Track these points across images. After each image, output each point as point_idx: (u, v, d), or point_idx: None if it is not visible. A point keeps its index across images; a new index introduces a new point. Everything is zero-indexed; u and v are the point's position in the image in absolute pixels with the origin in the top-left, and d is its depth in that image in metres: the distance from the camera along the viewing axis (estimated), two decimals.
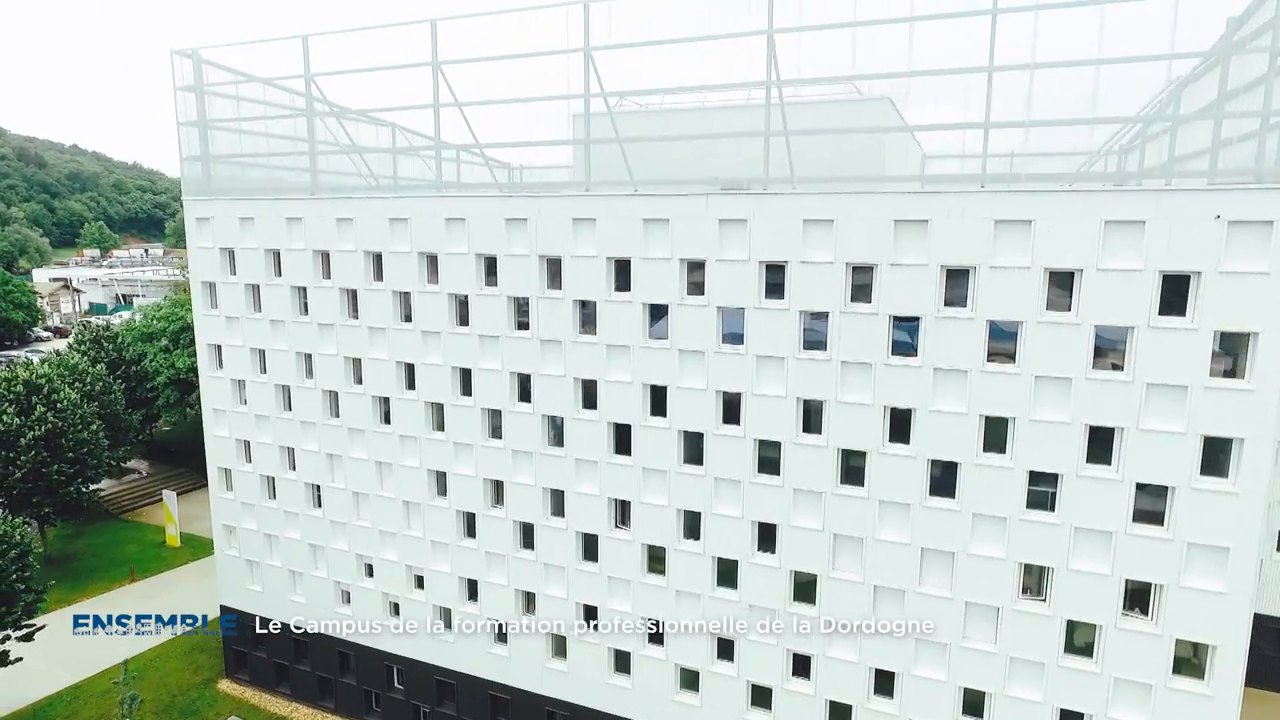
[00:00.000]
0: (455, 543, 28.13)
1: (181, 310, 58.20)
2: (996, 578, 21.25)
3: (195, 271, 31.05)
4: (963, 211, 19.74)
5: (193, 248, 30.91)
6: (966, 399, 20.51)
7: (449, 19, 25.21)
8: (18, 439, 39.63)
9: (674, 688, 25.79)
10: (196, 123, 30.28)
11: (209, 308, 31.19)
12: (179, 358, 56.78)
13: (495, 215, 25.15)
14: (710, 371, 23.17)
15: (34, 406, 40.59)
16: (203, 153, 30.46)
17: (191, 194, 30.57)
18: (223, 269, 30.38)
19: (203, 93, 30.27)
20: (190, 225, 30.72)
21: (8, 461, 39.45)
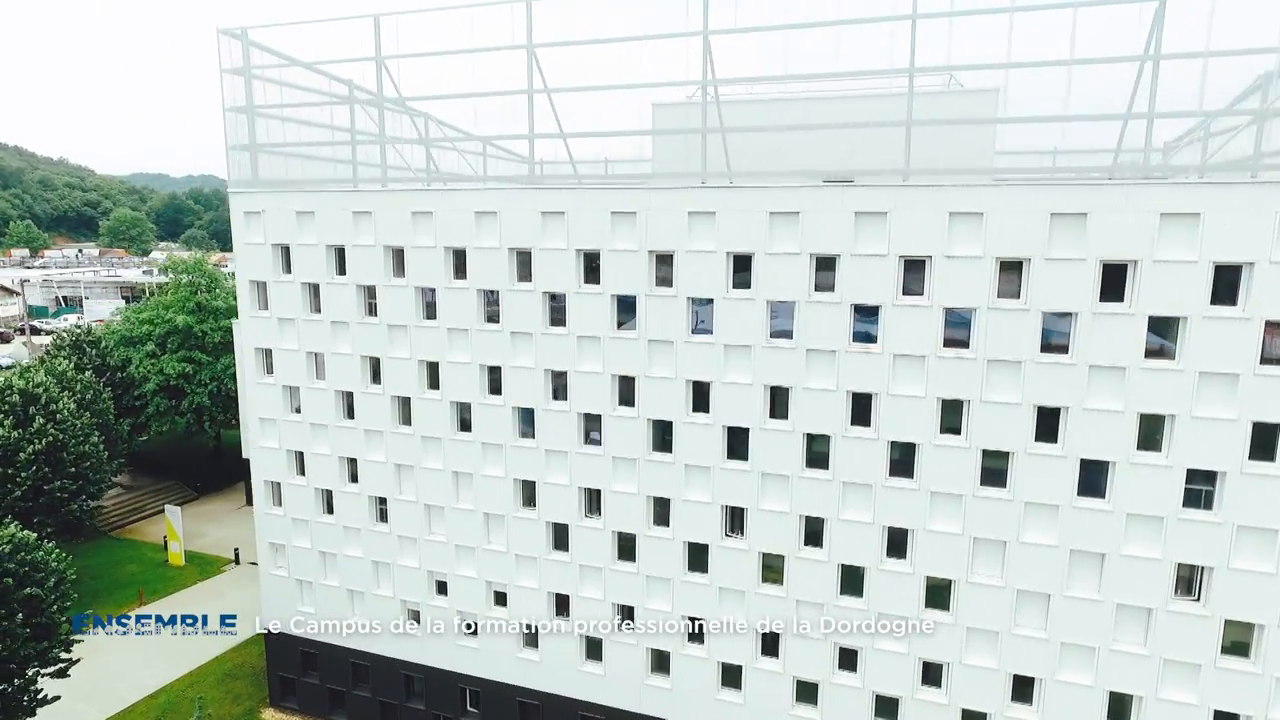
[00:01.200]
0: (544, 556, 26.57)
1: (169, 312, 54.61)
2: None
3: (242, 270, 28.66)
4: (1126, 203, 19.20)
5: (239, 244, 28.52)
6: (1123, 397, 20.01)
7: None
8: (16, 453, 36.28)
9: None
10: (244, 109, 27.97)
11: (257, 309, 28.86)
12: (168, 363, 53.23)
13: (598, 209, 23.71)
14: (841, 372, 22.22)
15: (32, 418, 37.24)
16: (250, 141, 28.15)
17: (239, 186, 28.21)
18: (275, 267, 28.11)
19: (250, 77, 27.97)
20: (237, 220, 28.33)
21: (6, 478, 36.07)
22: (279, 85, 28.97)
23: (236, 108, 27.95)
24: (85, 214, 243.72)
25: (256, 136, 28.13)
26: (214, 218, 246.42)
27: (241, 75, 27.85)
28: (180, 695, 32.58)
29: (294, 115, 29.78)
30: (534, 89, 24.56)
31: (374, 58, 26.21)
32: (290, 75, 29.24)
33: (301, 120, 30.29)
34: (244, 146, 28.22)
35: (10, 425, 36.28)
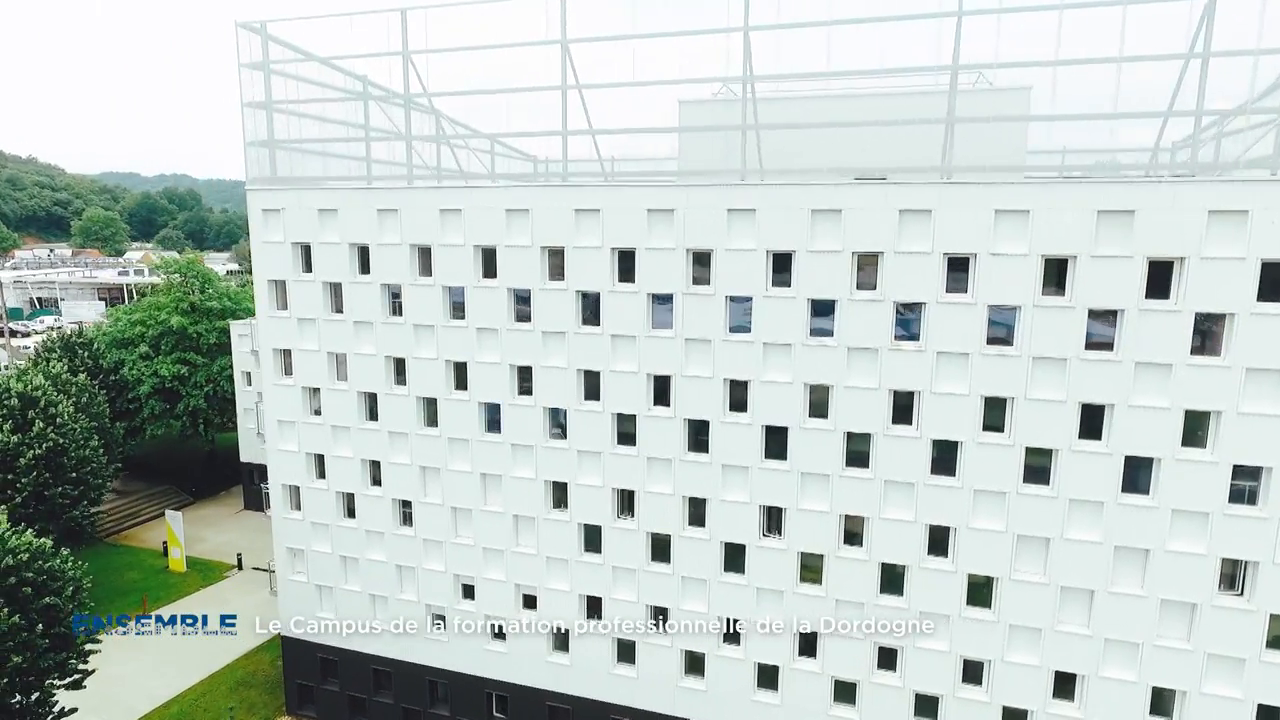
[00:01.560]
0: (575, 558, 26.22)
1: (163, 313, 53.43)
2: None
3: (260, 269, 28.01)
4: (1173, 201, 19.27)
5: (257, 242, 27.88)
6: (1169, 393, 20.09)
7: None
8: (16, 459, 35.26)
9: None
10: (263, 104, 27.34)
11: (275, 308, 28.22)
12: (162, 364, 52.09)
13: (634, 207, 23.43)
14: (882, 373, 22.12)
15: (31, 422, 36.22)
16: (269, 138, 27.53)
17: (258, 183, 27.57)
18: (295, 266, 27.51)
19: (269, 72, 27.36)
20: (255, 217, 27.69)
21: (6, 484, 35.04)
22: (295, 80, 28.41)
23: (255, 103, 27.31)
24: (55, 214, 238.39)
25: (274, 133, 27.53)
26: (189, 218, 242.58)
27: (260, 70, 27.24)
28: (193, 705, 31.85)
29: (310, 112, 29.13)
30: (568, 85, 24.23)
31: (400, 52, 25.72)
32: (305, 71, 28.68)
33: (315, 116, 29.64)
34: (262, 143, 27.60)
35: (9, 429, 35.24)
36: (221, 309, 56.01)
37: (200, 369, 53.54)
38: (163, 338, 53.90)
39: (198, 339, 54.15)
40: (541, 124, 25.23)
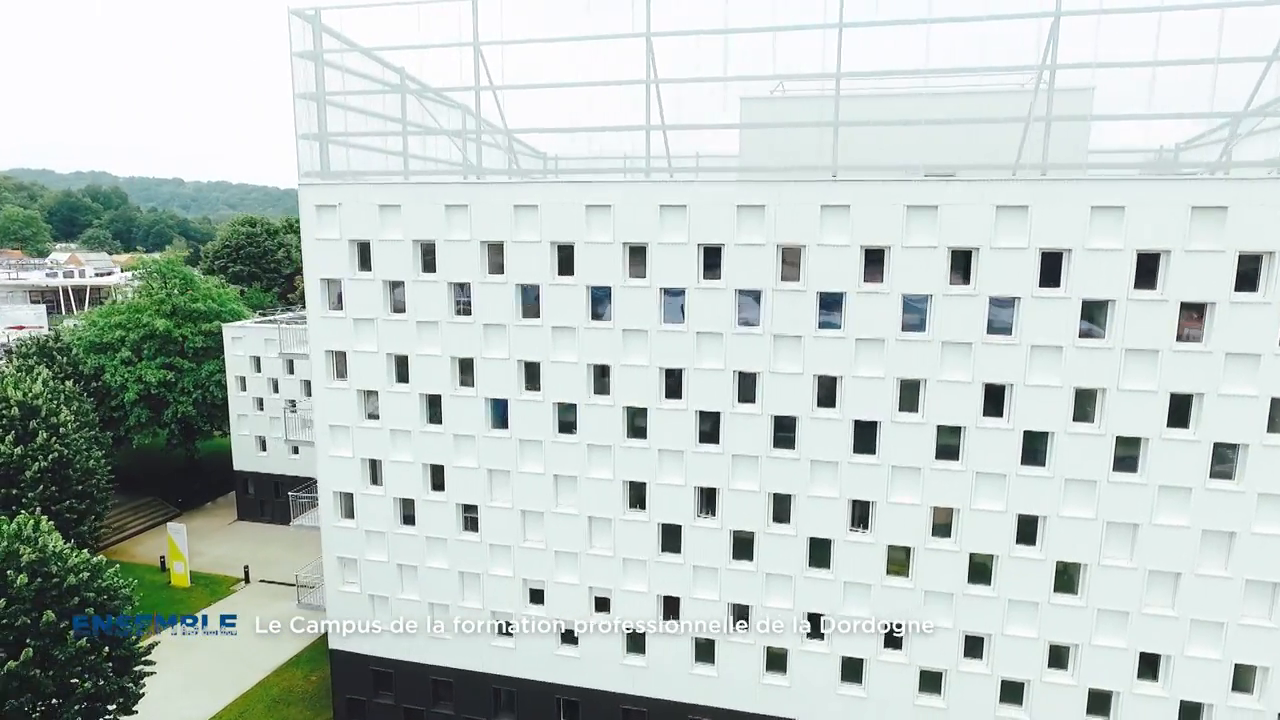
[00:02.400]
0: (654, 559, 25.92)
1: (144, 316, 50.82)
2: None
3: (312, 267, 26.84)
4: (1267, 197, 20.12)
5: (309, 239, 26.71)
6: (1257, 383, 20.98)
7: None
8: (21, 472, 33.02)
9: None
10: (314, 95, 26.23)
11: (328, 308, 27.10)
12: (146, 370, 49.57)
13: (723, 202, 23.29)
14: (976, 366, 22.51)
15: (34, 432, 33.97)
16: (321, 131, 26.43)
17: (310, 177, 26.44)
18: (351, 264, 26.46)
19: (322, 62, 26.26)
20: (307, 214, 26.52)
21: (10, 500, 32.77)
22: (342, 72, 27.38)
23: (306, 94, 26.17)
24: None
25: (326, 125, 26.44)
26: (115, 217, 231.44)
27: (311, 60, 26.12)
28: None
29: (362, 105, 28.09)
30: (653, 80, 23.92)
31: (470, 43, 24.97)
32: (354, 62, 27.68)
33: (359, 109, 28.54)
34: (313, 136, 26.48)
35: (11, 441, 32.97)
36: (207, 311, 53.65)
37: (187, 374, 51.16)
38: (145, 342, 51.34)
39: (182, 343, 51.74)
40: (589, 120, 24.77)
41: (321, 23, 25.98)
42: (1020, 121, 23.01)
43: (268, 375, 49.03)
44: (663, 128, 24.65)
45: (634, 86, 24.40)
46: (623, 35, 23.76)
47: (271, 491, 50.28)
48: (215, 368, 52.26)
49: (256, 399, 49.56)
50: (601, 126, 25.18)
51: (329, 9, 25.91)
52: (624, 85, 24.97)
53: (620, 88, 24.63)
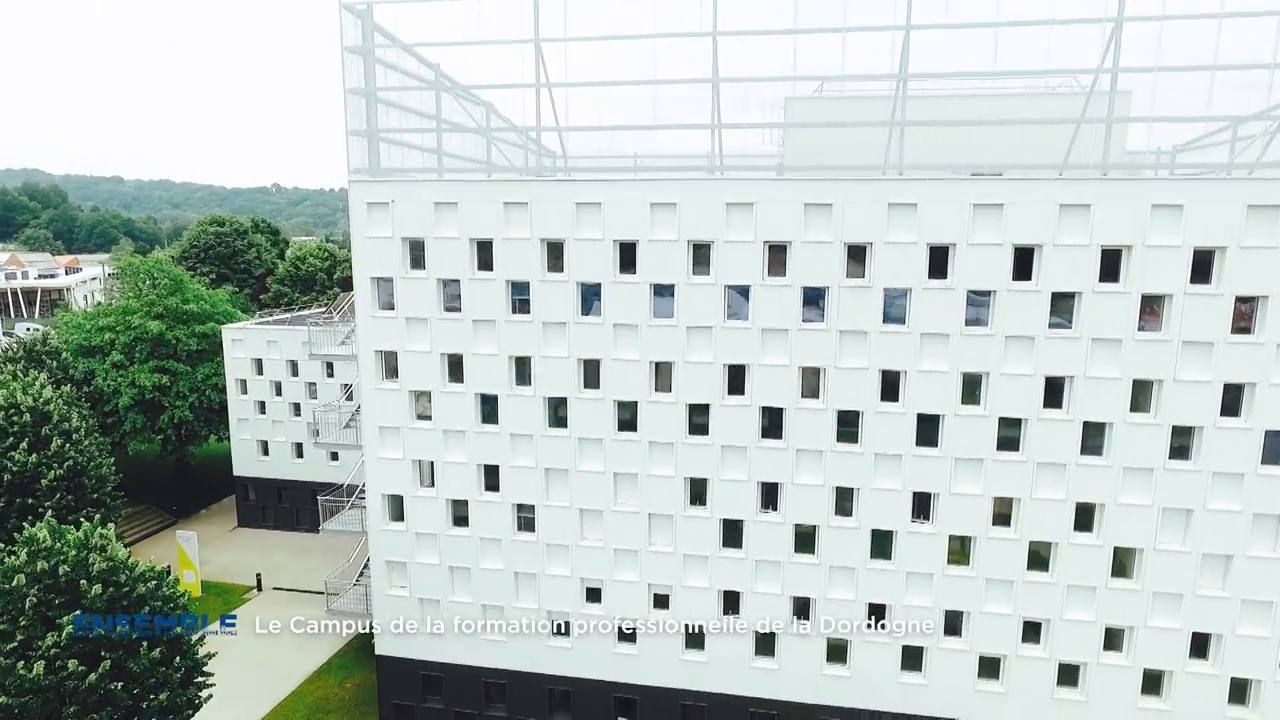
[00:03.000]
0: (715, 554, 26.10)
1: (137, 318, 49.09)
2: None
3: (362, 266, 26.35)
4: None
5: (360, 238, 26.21)
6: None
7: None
8: (36, 480, 31.70)
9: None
10: (364, 91, 25.80)
11: (378, 308, 26.65)
12: (140, 374, 47.91)
13: (787, 199, 23.59)
14: (1038, 359, 23.20)
15: (48, 438, 32.64)
16: (371, 127, 26.00)
17: (361, 174, 25.97)
18: (403, 262, 26.06)
19: (372, 56, 25.85)
20: (358, 211, 26.03)
21: (27, 510, 31.42)
22: (385, 68, 26.96)
23: (356, 90, 25.70)
24: None
25: (376, 122, 26.02)
26: (54, 216, 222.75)
27: (360, 55, 25.68)
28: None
29: (400, 101, 27.69)
30: (719, 79, 24.09)
31: (532, 39, 24.81)
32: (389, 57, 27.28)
33: (400, 106, 28.12)
34: (361, 132, 26.03)
35: (26, 449, 31.62)
36: (200, 313, 52.07)
37: (182, 378, 49.61)
38: (136, 345, 49.63)
39: (175, 345, 50.15)
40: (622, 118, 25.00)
41: (373, 19, 25.55)
42: (1078, 123, 23.69)
43: (270, 378, 47.79)
44: (732, 126, 24.84)
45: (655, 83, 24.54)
46: (690, 34, 23.88)
47: (274, 497, 49.06)
48: (210, 370, 50.78)
49: (258, 402, 48.25)
50: (669, 124, 25.28)
51: (381, 3, 25.49)
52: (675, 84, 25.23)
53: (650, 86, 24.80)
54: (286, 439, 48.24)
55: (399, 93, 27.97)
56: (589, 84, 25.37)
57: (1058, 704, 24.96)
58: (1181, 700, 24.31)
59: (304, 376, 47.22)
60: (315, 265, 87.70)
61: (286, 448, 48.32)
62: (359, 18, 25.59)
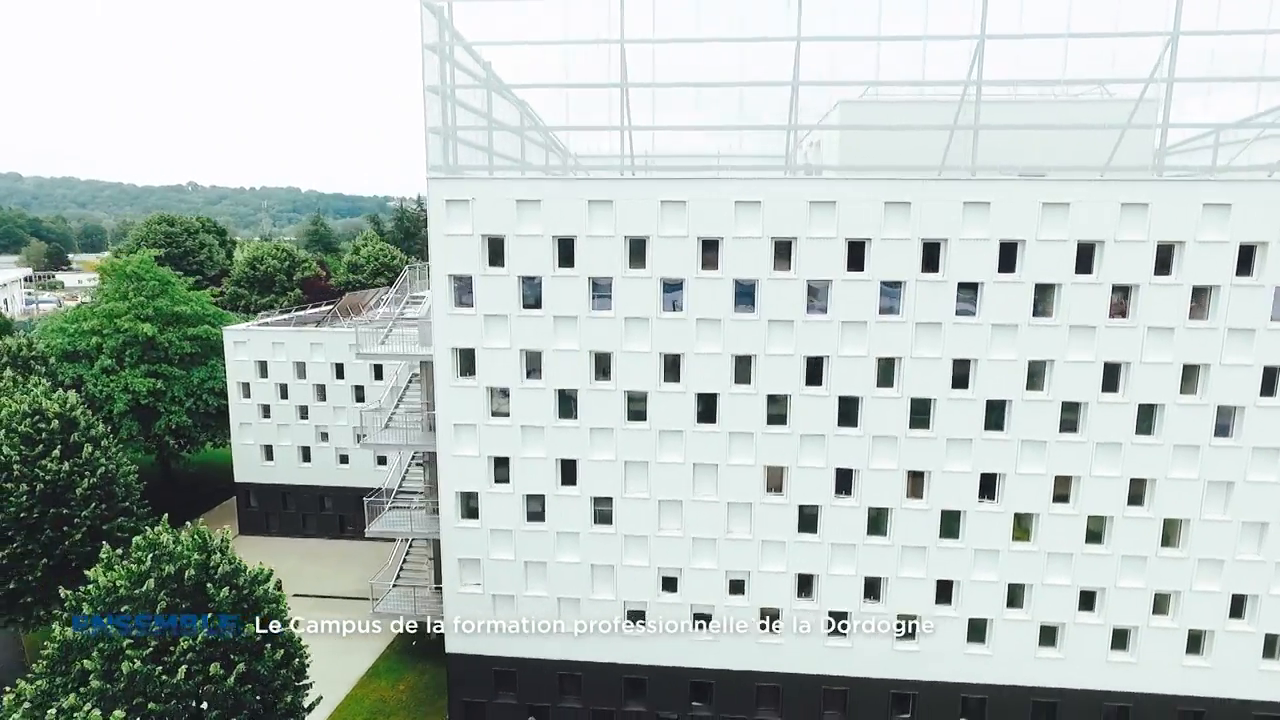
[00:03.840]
0: (792, 539, 27.11)
1: (124, 320, 47.07)
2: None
3: (440, 263, 26.33)
4: None
5: (438, 234, 26.19)
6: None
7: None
8: (69, 489, 30.36)
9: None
10: (437, 88, 25.81)
11: (455, 305, 26.68)
12: (133, 379, 46.02)
13: (868, 198, 24.79)
14: (1098, 347, 25.02)
15: (80, 446, 31.28)
16: (449, 124, 26.04)
17: (440, 171, 25.98)
18: (482, 259, 26.19)
19: (450, 55, 25.90)
20: (436, 208, 26.04)
21: (61, 520, 30.08)
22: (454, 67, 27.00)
23: (434, 88, 25.69)
24: None
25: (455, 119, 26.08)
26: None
27: (438, 53, 25.69)
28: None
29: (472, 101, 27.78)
30: (799, 82, 25.09)
31: (617, 40, 25.29)
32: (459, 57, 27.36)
33: (467, 106, 28.20)
34: (439, 130, 26.03)
35: (58, 457, 30.24)
36: (192, 315, 50.27)
37: (176, 382, 47.84)
38: (126, 349, 47.64)
39: (168, 349, 48.31)
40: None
41: (452, 17, 25.61)
42: (1123, 128, 25.56)
43: (275, 380, 46.49)
44: (806, 127, 25.87)
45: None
46: (774, 39, 24.79)
47: (279, 503, 47.79)
48: (205, 374, 49.10)
49: (262, 406, 46.87)
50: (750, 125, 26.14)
51: (460, 1, 25.58)
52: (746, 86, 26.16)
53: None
54: (293, 443, 47.04)
55: (471, 93, 28.04)
56: (675, 84, 26.04)
57: (1111, 666, 26.91)
58: (1220, 657, 26.57)
59: (311, 379, 46.15)
60: (274, 266, 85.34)
61: (292, 452, 47.13)
62: (435, 15, 25.58)
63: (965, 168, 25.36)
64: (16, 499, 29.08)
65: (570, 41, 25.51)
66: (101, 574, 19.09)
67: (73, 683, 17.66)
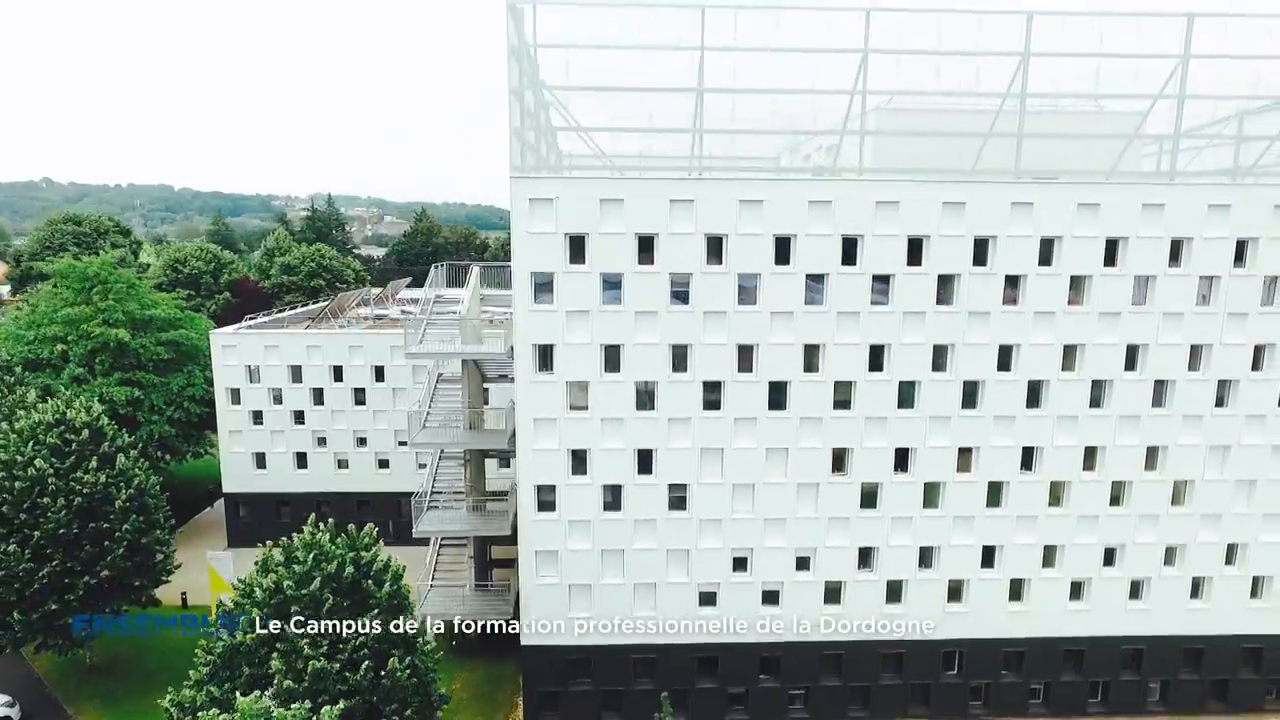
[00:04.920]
0: (855, 515, 29.16)
1: (92, 326, 44.31)
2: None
3: (523, 261, 26.81)
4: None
5: (520, 232, 26.67)
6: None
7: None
8: (108, 502, 28.85)
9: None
10: (517, 89, 26.35)
11: (534, 302, 27.23)
12: (107, 387, 43.45)
13: (929, 199, 27.09)
14: (1123, 330, 28.27)
15: (111, 456, 29.73)
16: (541, 124, 26.59)
17: (523, 171, 26.48)
18: (564, 257, 26.88)
19: (533, 56, 26.48)
20: (519, 206, 26.51)
21: (100, 535, 28.55)
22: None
23: (516, 90, 26.20)
24: None
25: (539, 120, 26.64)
26: None
27: (519, 56, 26.23)
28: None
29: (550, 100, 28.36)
30: (863, 90, 27.10)
31: (697, 47, 26.50)
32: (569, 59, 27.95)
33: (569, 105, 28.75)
34: (523, 130, 26.54)
35: (94, 468, 28.69)
36: (164, 319, 47.74)
37: (154, 390, 45.42)
38: (96, 355, 44.88)
39: (140, 354, 45.78)
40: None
41: (536, 19, 26.18)
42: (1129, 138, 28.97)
43: (268, 385, 44.86)
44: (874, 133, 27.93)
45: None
46: (840, 50, 26.66)
47: (272, 512, 46.10)
48: (184, 381, 46.79)
49: (253, 412, 45.14)
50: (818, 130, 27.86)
51: (545, 4, 26.17)
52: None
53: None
54: (288, 449, 45.55)
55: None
56: (751, 90, 27.49)
57: (1129, 614, 30.39)
58: (1217, 600, 30.51)
59: (309, 382, 44.84)
60: (198, 268, 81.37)
61: (288, 459, 45.63)
62: (515, 19, 26.09)
63: (1008, 171, 28.08)
64: (55, 514, 27.44)
65: (648, 46, 26.61)
66: (262, 576, 18.78)
67: (243, 684, 17.41)
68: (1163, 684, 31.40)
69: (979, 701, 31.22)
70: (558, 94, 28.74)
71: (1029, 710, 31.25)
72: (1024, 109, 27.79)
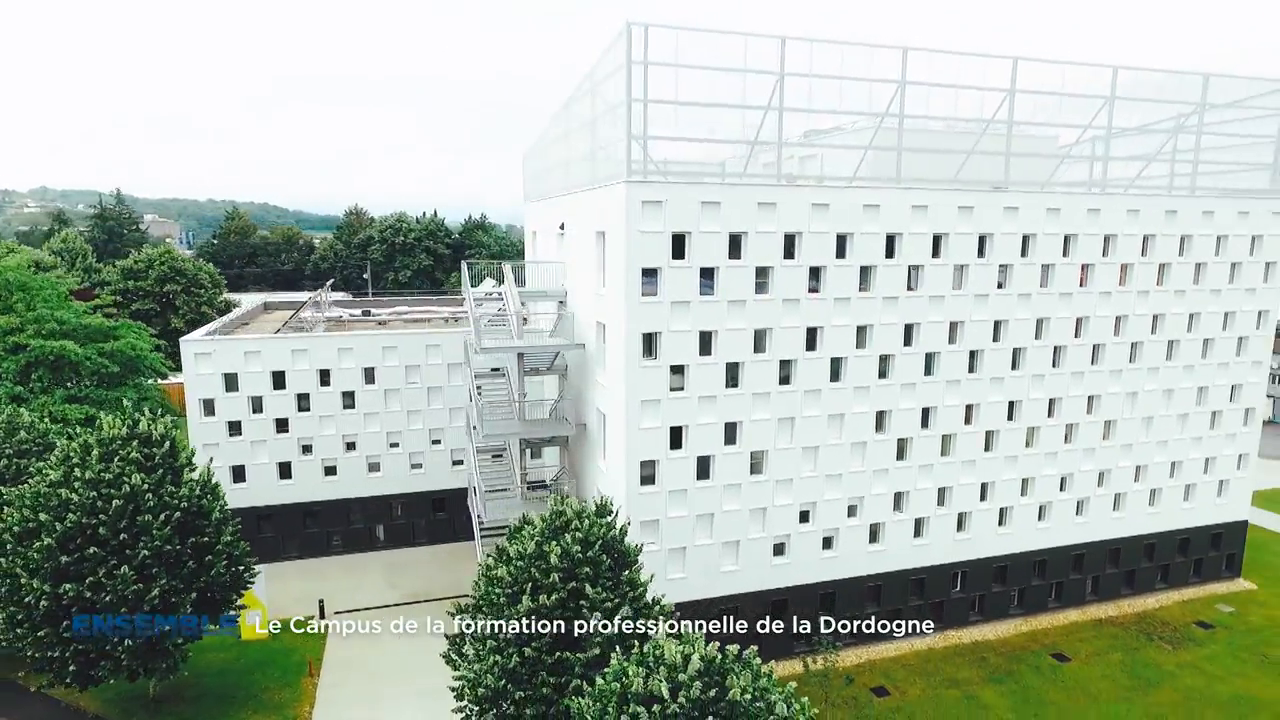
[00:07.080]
0: (892, 466, 35.01)
1: (27, 337, 39.70)
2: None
3: (633, 258, 29.52)
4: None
5: (632, 231, 29.40)
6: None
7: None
8: (202, 516, 27.56)
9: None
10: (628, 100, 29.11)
11: (641, 295, 30.09)
12: (54, 405, 39.22)
13: (948, 204, 33.48)
14: (1033, 308, 36.56)
15: (181, 470, 28.28)
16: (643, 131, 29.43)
17: (637, 175, 29.25)
18: (668, 253, 30.03)
19: (647, 70, 29.28)
20: (632, 208, 29.21)
21: (204, 550, 27.24)
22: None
23: (638, 99, 28.88)
24: None
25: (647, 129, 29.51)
26: None
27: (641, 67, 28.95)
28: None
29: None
30: (903, 115, 32.76)
31: (776, 72, 30.60)
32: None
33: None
34: (637, 137, 29.25)
35: (190, 482, 27.32)
36: (104, 328, 43.42)
37: (105, 407, 41.37)
38: (31, 370, 40.18)
39: (79, 367, 41.58)
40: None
41: (648, 37, 29.00)
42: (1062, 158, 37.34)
43: (247, 393, 42.48)
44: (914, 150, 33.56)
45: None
46: (879, 80, 32.10)
47: (253, 528, 43.57)
48: (134, 395, 42.90)
49: (231, 423, 42.48)
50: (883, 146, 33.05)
51: (656, 26, 29.04)
52: None
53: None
54: (270, 459, 43.40)
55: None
56: (829, 112, 32.12)
57: (1075, 527, 39.11)
58: (1130, 510, 40.04)
59: (293, 388, 43.10)
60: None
61: (269, 470, 43.48)
62: (629, 36, 28.72)
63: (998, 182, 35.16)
64: (159, 530, 25.97)
65: (741, 71, 30.35)
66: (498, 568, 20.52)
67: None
68: (1093, 579, 40.61)
69: (975, 610, 38.48)
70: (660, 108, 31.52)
71: (1009, 613, 39.04)
72: (1010, 131, 35.03)
